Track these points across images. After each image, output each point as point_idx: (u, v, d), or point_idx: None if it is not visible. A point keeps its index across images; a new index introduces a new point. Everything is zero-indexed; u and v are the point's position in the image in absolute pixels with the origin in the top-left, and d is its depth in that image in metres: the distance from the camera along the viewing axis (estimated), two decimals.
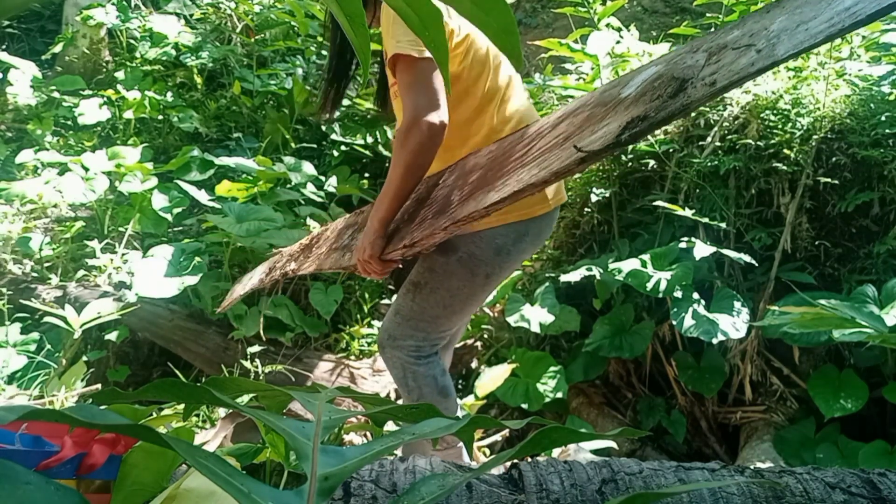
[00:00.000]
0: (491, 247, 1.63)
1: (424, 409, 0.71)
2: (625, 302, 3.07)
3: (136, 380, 3.22)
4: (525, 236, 1.69)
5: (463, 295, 1.68)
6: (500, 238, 1.64)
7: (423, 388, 1.73)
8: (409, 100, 1.48)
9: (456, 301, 1.69)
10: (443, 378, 1.77)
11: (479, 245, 1.63)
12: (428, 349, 1.76)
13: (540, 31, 6.31)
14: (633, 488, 1.04)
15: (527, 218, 1.67)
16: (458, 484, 0.64)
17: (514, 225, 1.65)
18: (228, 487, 0.51)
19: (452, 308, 1.71)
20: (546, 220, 1.75)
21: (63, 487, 0.52)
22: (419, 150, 1.47)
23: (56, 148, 4.39)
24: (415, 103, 1.47)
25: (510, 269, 1.79)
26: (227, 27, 5.65)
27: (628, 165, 3.37)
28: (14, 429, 0.89)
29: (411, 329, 1.71)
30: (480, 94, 1.62)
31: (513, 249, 1.68)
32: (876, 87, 2.89)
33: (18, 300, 3.15)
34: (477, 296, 1.74)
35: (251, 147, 4.54)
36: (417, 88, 1.47)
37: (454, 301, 1.69)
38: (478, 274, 1.64)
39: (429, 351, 1.76)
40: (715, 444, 2.91)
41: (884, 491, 1.04)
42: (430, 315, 1.70)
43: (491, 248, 1.64)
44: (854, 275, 2.80)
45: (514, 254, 1.70)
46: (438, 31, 0.60)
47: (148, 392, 0.65)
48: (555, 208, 1.77)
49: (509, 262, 1.71)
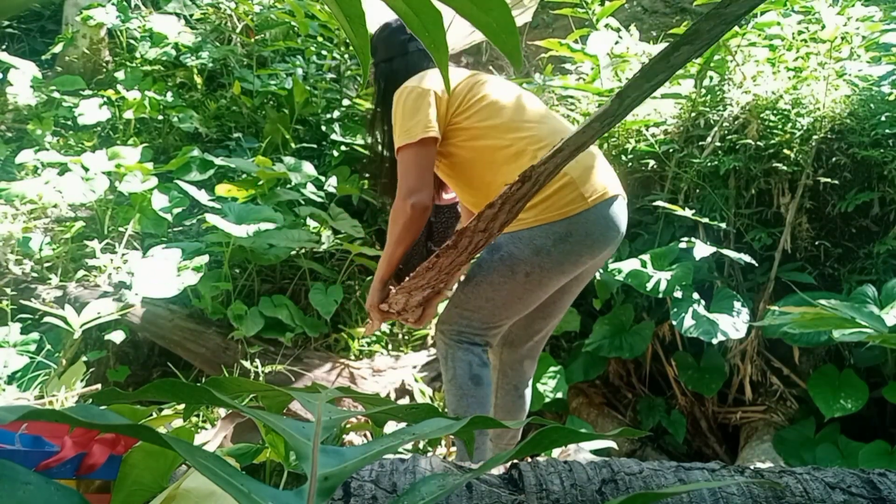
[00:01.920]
0: (529, 247, 1.72)
1: (424, 409, 0.71)
2: (625, 302, 3.07)
3: (136, 380, 3.21)
4: (568, 237, 1.71)
5: (504, 291, 1.78)
6: (539, 239, 1.72)
7: (457, 368, 1.83)
8: (401, 182, 1.74)
9: (498, 296, 1.79)
10: (479, 368, 1.83)
11: (518, 245, 1.73)
12: (469, 335, 1.84)
13: (540, 32, 6.31)
14: (633, 488, 1.04)
15: (562, 218, 1.71)
16: (458, 484, 0.64)
17: (550, 225, 1.71)
18: (228, 488, 0.51)
19: (495, 302, 1.80)
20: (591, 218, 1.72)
21: (63, 487, 0.52)
22: (405, 226, 1.74)
23: (56, 148, 4.39)
24: (404, 186, 1.72)
25: (559, 271, 1.76)
26: (227, 27, 5.65)
27: (628, 166, 3.37)
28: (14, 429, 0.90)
29: (457, 315, 1.85)
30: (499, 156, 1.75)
31: (553, 250, 1.72)
32: (876, 87, 2.89)
33: (19, 300, 3.15)
34: (520, 294, 1.79)
35: (251, 147, 4.54)
36: (407, 173, 1.72)
37: (496, 295, 1.79)
38: (517, 272, 1.74)
39: (470, 339, 1.84)
40: (715, 444, 2.91)
41: (884, 491, 1.04)
42: (473, 305, 1.82)
43: (529, 248, 1.72)
44: (854, 275, 2.80)
45: (555, 254, 1.72)
46: (439, 32, 0.60)
47: (148, 392, 0.65)
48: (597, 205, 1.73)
49: (552, 263, 1.73)
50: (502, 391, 2.07)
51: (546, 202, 1.71)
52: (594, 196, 1.73)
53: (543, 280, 1.77)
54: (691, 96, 3.24)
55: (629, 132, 3.35)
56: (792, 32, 3.20)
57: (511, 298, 1.79)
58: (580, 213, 1.71)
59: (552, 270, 1.75)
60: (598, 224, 1.75)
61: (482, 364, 1.83)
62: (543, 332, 2.05)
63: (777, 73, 3.14)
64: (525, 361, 2.07)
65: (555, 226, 1.71)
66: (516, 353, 2.04)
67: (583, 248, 1.75)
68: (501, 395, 2.07)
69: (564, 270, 1.78)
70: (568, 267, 1.77)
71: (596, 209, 1.74)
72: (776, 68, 3.17)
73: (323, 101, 4.81)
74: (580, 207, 1.71)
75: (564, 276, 1.80)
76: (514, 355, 2.05)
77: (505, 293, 1.77)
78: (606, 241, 1.78)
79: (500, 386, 2.07)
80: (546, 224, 1.71)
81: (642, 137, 3.29)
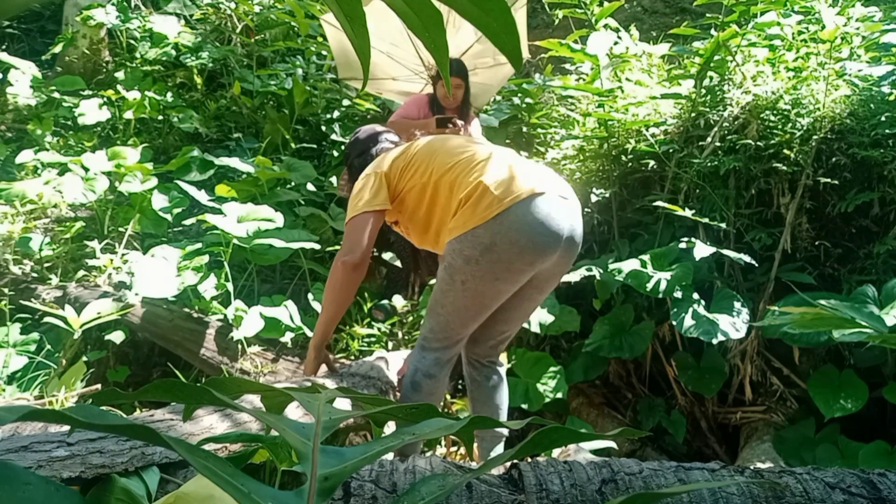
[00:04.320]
0: (460, 256, 1.80)
1: (424, 409, 0.71)
2: (625, 302, 3.07)
3: (136, 380, 3.21)
4: (493, 246, 1.75)
5: (450, 299, 1.86)
6: (468, 249, 1.78)
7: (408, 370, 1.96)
8: (342, 246, 1.96)
9: (447, 302, 1.87)
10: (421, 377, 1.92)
11: (452, 255, 1.83)
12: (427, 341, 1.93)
13: (540, 32, 6.31)
14: (633, 488, 1.04)
15: (482, 222, 1.75)
16: (459, 484, 0.64)
17: (474, 233, 1.76)
18: (228, 488, 0.51)
19: (446, 309, 1.88)
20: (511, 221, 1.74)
21: (63, 487, 0.52)
22: (339, 285, 1.92)
23: (56, 148, 4.39)
24: (341, 250, 1.95)
25: (493, 278, 1.80)
26: (227, 27, 5.65)
27: (628, 166, 3.37)
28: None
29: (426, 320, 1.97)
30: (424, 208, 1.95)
31: (481, 259, 1.76)
32: (876, 88, 2.89)
33: (19, 300, 3.15)
34: (464, 303, 1.85)
35: (251, 147, 4.54)
36: (346, 239, 1.95)
37: (445, 302, 1.87)
38: (455, 281, 1.83)
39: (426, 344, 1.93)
40: (715, 445, 2.91)
41: (884, 491, 1.04)
42: (433, 312, 1.92)
43: (461, 257, 1.80)
44: (854, 275, 2.80)
45: (484, 263, 1.76)
46: (439, 32, 0.60)
47: (148, 392, 0.65)
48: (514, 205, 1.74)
49: (483, 272, 1.78)
50: (475, 384, 2.12)
51: (468, 210, 1.78)
52: (510, 197, 1.75)
53: (479, 288, 1.82)
54: (691, 96, 3.24)
55: (629, 132, 3.36)
56: (792, 32, 3.20)
57: (457, 306, 1.86)
58: (497, 216, 1.74)
59: (485, 279, 1.80)
60: (522, 229, 1.74)
61: (426, 375, 1.92)
62: (506, 334, 2.10)
63: (777, 73, 3.14)
64: (489, 357, 2.12)
65: (478, 233, 1.76)
66: (480, 348, 2.10)
67: (512, 255, 1.75)
68: (475, 388, 2.12)
69: (500, 278, 1.80)
70: (503, 275, 1.79)
71: (513, 211, 1.74)
72: (776, 68, 3.17)
73: (323, 101, 4.81)
74: (496, 210, 1.74)
75: (504, 283, 1.82)
76: (479, 350, 2.10)
77: (450, 301, 1.86)
78: (538, 245, 1.77)
79: (473, 379, 2.12)
80: (471, 231, 1.77)
81: (642, 137, 3.29)
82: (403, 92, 4.22)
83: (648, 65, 3.80)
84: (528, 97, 4.78)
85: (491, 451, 2.09)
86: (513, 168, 1.83)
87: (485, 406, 2.10)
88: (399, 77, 4.28)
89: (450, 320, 1.89)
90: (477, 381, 2.11)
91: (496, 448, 2.09)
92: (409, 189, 1.95)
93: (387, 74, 4.23)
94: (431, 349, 1.92)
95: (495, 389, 2.11)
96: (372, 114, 4.88)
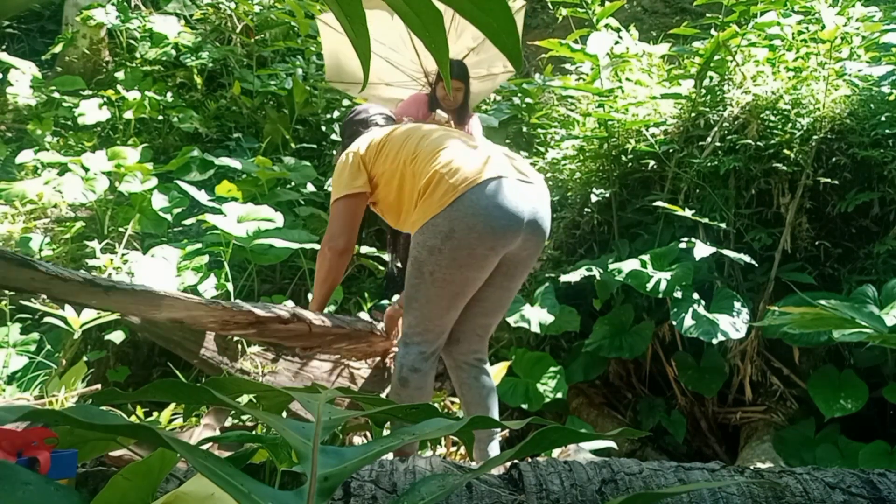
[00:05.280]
0: (424, 248, 1.82)
1: (424, 409, 0.71)
2: (625, 302, 3.07)
3: (136, 380, 3.21)
4: (453, 233, 1.76)
5: (421, 291, 1.87)
6: (431, 239, 1.80)
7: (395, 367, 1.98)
8: (327, 230, 2.05)
9: (420, 295, 1.88)
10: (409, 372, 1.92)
11: (417, 247, 1.85)
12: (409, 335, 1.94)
13: (540, 32, 6.31)
14: (633, 488, 1.04)
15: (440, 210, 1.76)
16: (459, 484, 0.64)
17: (434, 222, 1.78)
18: (228, 488, 0.51)
19: (420, 302, 1.89)
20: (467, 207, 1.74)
21: (63, 487, 0.52)
22: (325, 268, 2.04)
23: (56, 148, 4.39)
24: (326, 233, 2.04)
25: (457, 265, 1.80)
26: (227, 27, 5.65)
27: (628, 166, 3.37)
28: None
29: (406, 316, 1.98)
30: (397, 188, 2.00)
31: (444, 247, 1.78)
32: (876, 88, 2.89)
33: (18, 300, 3.15)
34: (434, 294, 1.86)
35: (251, 147, 4.54)
36: (331, 223, 2.04)
37: (418, 295, 1.88)
38: (424, 272, 1.85)
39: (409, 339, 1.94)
40: (715, 445, 2.91)
41: (883, 491, 1.04)
42: (409, 307, 1.94)
43: (425, 248, 1.82)
44: (854, 275, 2.80)
45: (446, 251, 1.78)
46: (439, 32, 0.60)
47: (148, 392, 0.65)
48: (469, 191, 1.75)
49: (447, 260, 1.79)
50: (465, 387, 2.10)
51: (427, 200, 1.81)
52: (465, 183, 1.77)
53: (447, 277, 1.82)
54: (691, 96, 3.24)
55: (629, 132, 3.36)
56: (792, 32, 3.20)
57: (429, 298, 1.87)
58: (453, 202, 1.76)
59: (451, 267, 1.80)
60: (479, 213, 1.74)
61: (412, 369, 1.92)
62: (486, 327, 2.10)
63: (777, 73, 3.14)
64: (475, 354, 2.11)
65: (437, 222, 1.78)
66: (463, 346, 2.09)
67: (472, 241, 1.77)
68: (466, 391, 2.10)
69: (464, 265, 1.80)
70: (467, 261, 1.80)
71: (468, 196, 1.75)
72: (776, 68, 3.17)
73: (323, 101, 4.81)
74: (452, 197, 1.76)
75: (470, 269, 1.83)
76: (463, 350, 2.09)
77: (423, 294, 1.87)
78: (497, 229, 1.77)
79: (463, 382, 2.11)
80: (430, 221, 1.79)
81: (642, 137, 3.29)
82: (395, 99, 4.21)
83: (648, 65, 3.80)
84: (528, 97, 4.79)
85: (486, 451, 2.08)
86: (469, 154, 1.84)
87: (478, 407, 2.09)
88: (393, 82, 4.28)
89: (425, 313, 1.89)
90: (467, 383, 2.09)
91: (491, 447, 2.09)
92: (380, 174, 1.98)
93: (380, 79, 4.23)
94: (414, 343, 1.93)
95: (485, 388, 2.09)
96: None
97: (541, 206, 1.86)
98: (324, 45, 4.21)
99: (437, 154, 1.84)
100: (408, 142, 1.95)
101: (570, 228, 3.48)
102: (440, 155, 1.83)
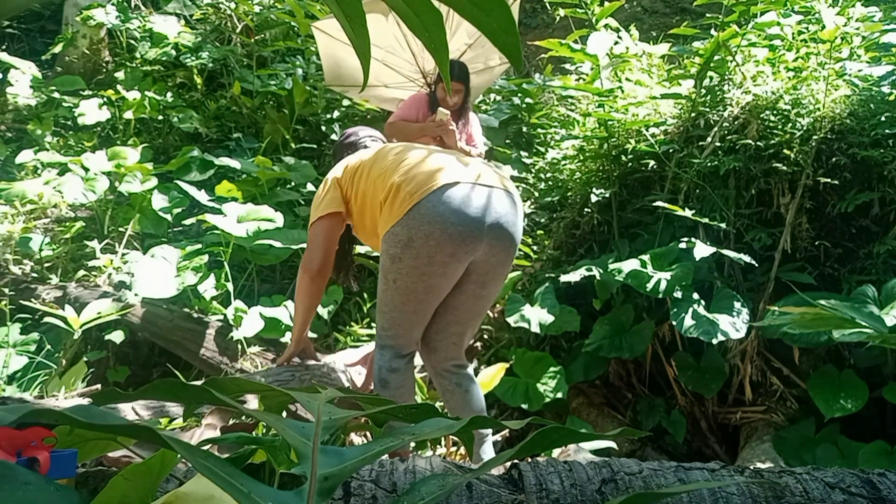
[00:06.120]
0: (387, 255, 1.86)
1: (424, 409, 0.71)
2: (625, 302, 3.07)
3: (136, 380, 3.21)
4: (411, 242, 1.77)
5: (388, 297, 1.91)
6: (392, 248, 1.83)
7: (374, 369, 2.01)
8: (304, 254, 2.12)
9: (388, 300, 1.92)
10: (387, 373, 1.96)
11: (382, 256, 1.90)
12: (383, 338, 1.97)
13: (540, 32, 6.32)
14: (632, 488, 1.04)
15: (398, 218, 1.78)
16: (459, 484, 0.64)
17: (393, 231, 1.81)
18: (228, 488, 0.51)
19: (388, 306, 1.93)
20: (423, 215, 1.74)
21: (63, 487, 0.52)
22: (304, 290, 2.11)
23: (56, 148, 4.39)
24: (304, 257, 2.11)
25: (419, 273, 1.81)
26: (227, 27, 5.65)
27: (628, 166, 3.37)
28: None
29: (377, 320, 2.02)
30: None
31: (404, 256, 1.80)
32: (876, 88, 2.89)
33: (18, 300, 3.15)
34: (400, 300, 1.88)
35: (251, 147, 4.54)
36: (307, 246, 2.10)
37: (386, 300, 1.92)
38: (388, 279, 1.89)
39: (383, 341, 1.97)
40: (715, 444, 2.91)
41: (883, 491, 1.04)
42: (379, 310, 1.98)
43: (387, 256, 1.86)
44: (854, 275, 2.80)
45: (406, 259, 1.80)
46: (439, 32, 0.60)
47: (148, 392, 0.65)
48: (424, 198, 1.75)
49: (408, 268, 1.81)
50: (448, 393, 2.09)
51: (387, 211, 1.84)
52: (420, 191, 1.78)
53: (410, 285, 1.83)
54: (691, 96, 3.24)
55: (629, 132, 3.36)
56: (792, 32, 3.20)
57: (396, 304, 1.91)
58: (409, 211, 1.77)
59: (412, 275, 1.82)
60: (435, 220, 1.74)
61: (390, 370, 1.96)
62: (461, 335, 2.08)
63: (777, 73, 3.14)
64: (453, 361, 2.10)
65: (396, 231, 1.80)
66: (440, 354, 2.08)
67: (430, 249, 1.76)
68: (449, 397, 2.10)
69: (425, 272, 1.80)
70: (427, 269, 1.80)
71: (423, 204, 1.76)
72: (776, 68, 3.17)
73: (323, 101, 4.81)
74: (409, 204, 1.78)
75: (432, 277, 1.82)
76: (440, 359, 2.08)
77: (389, 300, 1.91)
78: (455, 235, 1.76)
79: (445, 389, 2.10)
80: (391, 230, 1.82)
81: (642, 137, 3.29)
82: (395, 99, 4.22)
83: (648, 65, 3.80)
84: (528, 97, 4.79)
85: (478, 454, 2.07)
86: (427, 163, 1.86)
87: (462, 413, 2.06)
88: (391, 84, 4.28)
89: (394, 317, 1.93)
90: (449, 390, 2.08)
91: (483, 449, 2.08)
92: (354, 195, 2.03)
93: (379, 81, 4.23)
94: (388, 346, 1.97)
95: (469, 393, 2.08)
96: (372, 114, 4.88)
97: (503, 210, 1.84)
98: (320, 51, 4.23)
99: (398, 167, 1.88)
100: (377, 161, 1.99)
101: (570, 228, 3.48)
102: (400, 167, 1.87)
